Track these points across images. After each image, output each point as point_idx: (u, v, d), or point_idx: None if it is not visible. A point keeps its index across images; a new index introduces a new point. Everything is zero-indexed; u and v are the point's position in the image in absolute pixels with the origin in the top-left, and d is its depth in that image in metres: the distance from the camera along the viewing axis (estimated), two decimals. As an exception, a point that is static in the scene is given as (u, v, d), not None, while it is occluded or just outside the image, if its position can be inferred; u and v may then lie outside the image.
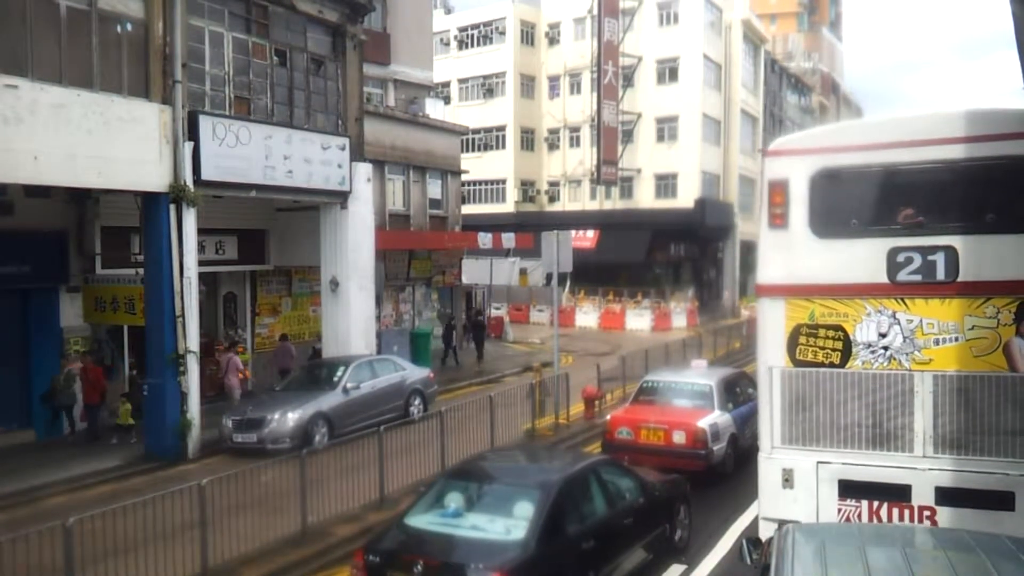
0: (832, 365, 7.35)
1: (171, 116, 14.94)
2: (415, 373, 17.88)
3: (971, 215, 7.06)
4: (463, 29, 49.45)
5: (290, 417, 14.77)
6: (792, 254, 7.49)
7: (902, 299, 7.16)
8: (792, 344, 7.49)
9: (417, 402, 17.46)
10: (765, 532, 7.37)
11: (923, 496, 7.03)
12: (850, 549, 5.21)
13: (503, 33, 47.68)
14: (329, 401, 15.51)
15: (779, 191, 7.47)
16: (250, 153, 16.30)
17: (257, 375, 20.76)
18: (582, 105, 45.97)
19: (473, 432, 13.82)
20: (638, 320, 37.81)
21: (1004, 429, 6.85)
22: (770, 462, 7.62)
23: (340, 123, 18.92)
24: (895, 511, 7.14)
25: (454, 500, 8.05)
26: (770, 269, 7.69)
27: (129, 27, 14.60)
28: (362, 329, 19.02)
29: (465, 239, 27.81)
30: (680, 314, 38.75)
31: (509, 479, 8.59)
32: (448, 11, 51.44)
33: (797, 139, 8.30)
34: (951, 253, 6.95)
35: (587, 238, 44.93)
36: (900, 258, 7.12)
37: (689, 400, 13.48)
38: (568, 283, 44.90)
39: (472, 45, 49.39)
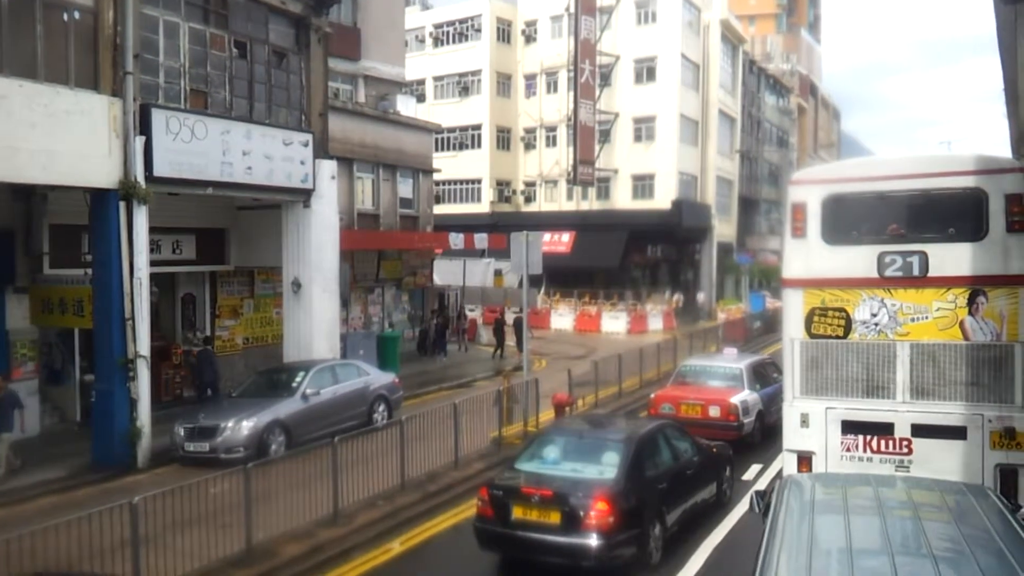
0: (837, 337, 9.72)
1: (121, 109, 14.23)
2: (380, 379, 17.23)
3: (938, 229, 9.59)
4: (439, 26, 48.83)
5: (244, 425, 14.10)
6: (808, 256, 9.88)
7: (888, 289, 9.52)
8: (808, 322, 9.86)
9: (381, 408, 16.84)
10: (788, 461, 9.92)
11: (902, 431, 9.42)
12: (834, 495, 6.44)
13: (479, 30, 47.10)
14: (287, 408, 14.85)
15: (799, 210, 9.93)
16: (206, 148, 15.61)
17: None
18: (559, 104, 45.50)
19: (436, 442, 13.23)
20: (614, 323, 37.35)
21: (959, 381, 9.27)
22: (792, 408, 9.93)
23: (303, 118, 18.26)
24: (882, 442, 9.51)
25: (552, 452, 10.03)
26: (793, 267, 10.07)
27: (77, 15, 13.88)
28: (325, 332, 18.37)
29: (436, 239, 27.19)
30: (657, 317, 38.34)
31: (597, 435, 10.73)
32: (425, 7, 50.85)
33: (812, 172, 11.30)
34: (923, 256, 9.41)
35: (562, 242, 44.50)
36: (887, 259, 9.52)
37: (722, 381, 15.85)
38: (543, 285, 44.46)
39: (448, 42, 48.78)
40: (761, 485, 12.19)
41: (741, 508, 11.51)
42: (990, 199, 9.13)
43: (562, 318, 38.96)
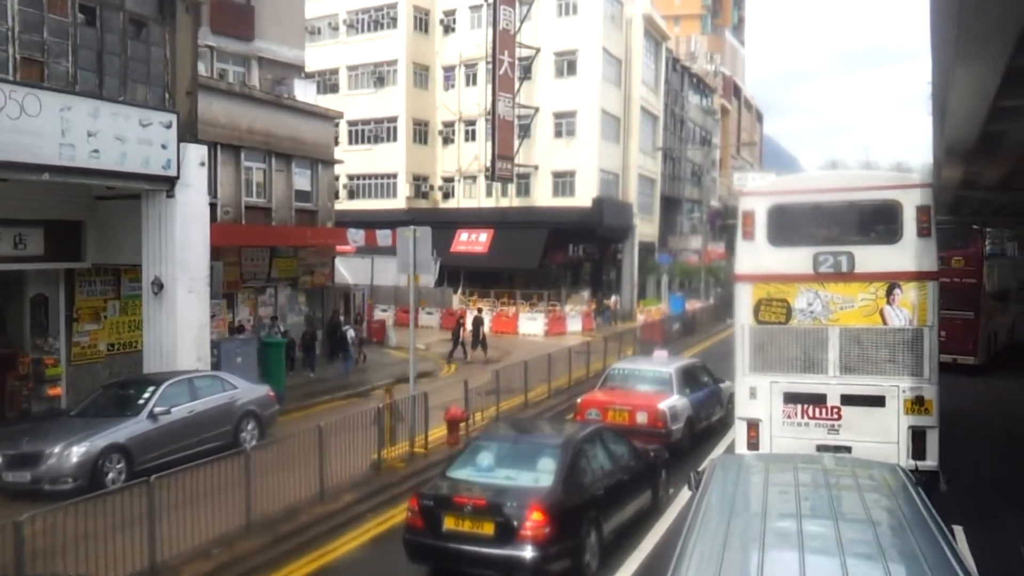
0: (780, 323, 11.24)
1: (-75, 76, 11.97)
2: (249, 392, 15.20)
3: (862, 233, 11.43)
4: (352, 13, 46.53)
5: (74, 451, 11.98)
6: (756, 256, 11.43)
7: (821, 283, 11.09)
8: (756, 310, 11.36)
9: (251, 427, 14.86)
10: (739, 427, 11.54)
11: (833, 400, 10.98)
12: (757, 473, 7.00)
13: (395, 19, 45.00)
14: (129, 429, 12.74)
15: (749, 217, 11.49)
16: (40, 127, 13.39)
17: (76, 392, 17.70)
18: (478, 97, 43.80)
19: (299, 469, 11.34)
20: (531, 324, 35.83)
21: (879, 359, 10.88)
22: (743, 383, 11.50)
23: (167, 97, 16.10)
24: (817, 410, 11.07)
25: (486, 458, 9.76)
26: (743, 265, 11.65)
27: None
28: (192, 339, 16.25)
29: (331, 235, 25.17)
30: (576, 318, 36.99)
31: (534, 439, 10.60)
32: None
33: (760, 186, 14.06)
34: (850, 256, 11.04)
35: (479, 242, 42.93)
36: (821, 258, 11.13)
37: (651, 385, 15.46)
38: (460, 285, 42.76)
39: (362, 30, 46.54)
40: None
41: (677, 505, 11.55)
42: (904, 209, 10.87)
43: (469, 320, 37.09)
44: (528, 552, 8.49)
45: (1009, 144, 21.04)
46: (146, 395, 13.38)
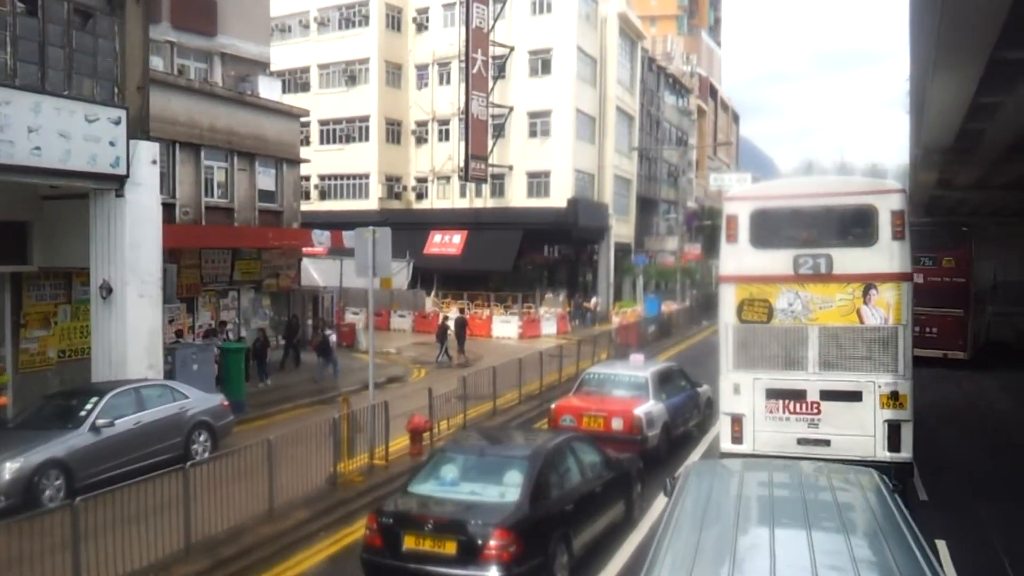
0: (762, 322, 11.58)
1: None
2: (202, 401, 14.45)
3: (840, 236, 11.76)
4: (324, 10, 45.72)
5: (7, 468, 11.18)
6: (740, 258, 11.79)
7: (801, 283, 11.45)
8: (740, 310, 11.70)
9: (203, 438, 14.12)
10: (724, 422, 11.86)
11: (813, 395, 11.35)
12: (731, 478, 6.90)
13: (367, 16, 44.24)
14: (69, 443, 11.96)
15: (733, 221, 11.84)
16: (-26, 122, 12.64)
17: (24, 401, 16.83)
18: (452, 97, 43.14)
19: (248, 485, 10.64)
20: (505, 327, 35.21)
21: (856, 356, 11.24)
22: (727, 379, 11.80)
23: (116, 92, 15.34)
24: (797, 405, 11.42)
25: (450, 472, 9.28)
26: (727, 266, 12.00)
27: None
28: (144, 346, 15.48)
29: (294, 237, 24.42)
30: (550, 320, 36.42)
31: (500, 451, 10.01)
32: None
33: (743, 191, 14.50)
34: (829, 257, 11.40)
35: (453, 244, 42.33)
36: (800, 260, 11.48)
37: (627, 390, 15.09)
38: (434, 287, 42.10)
39: (334, 28, 45.74)
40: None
41: (653, 515, 11.10)
42: (879, 213, 11.24)
43: (452, 322, 36.47)
44: (492, 573, 8.07)
45: (986, 143, 20.74)
46: (88, 406, 12.60)
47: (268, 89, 25.22)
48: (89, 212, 15.63)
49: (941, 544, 9.69)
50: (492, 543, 8.10)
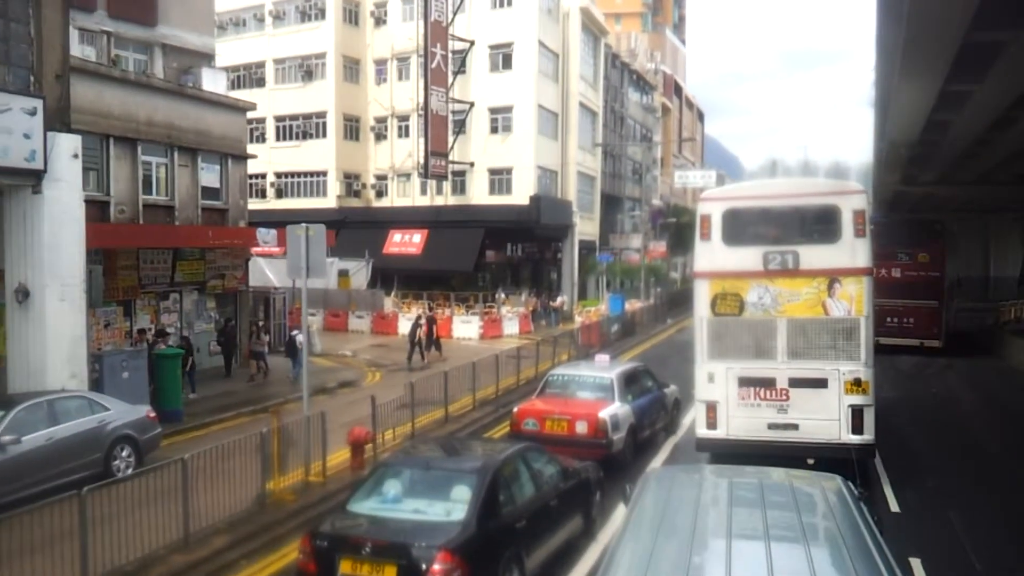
0: (734, 314, 12.35)
1: None
2: (125, 414, 13.32)
3: (806, 234, 12.46)
4: (279, 3, 44.48)
5: None
6: (713, 255, 12.56)
7: (771, 279, 12.20)
8: (713, 303, 12.46)
9: (125, 453, 13.04)
10: (699, 408, 12.78)
11: (782, 383, 12.13)
12: (690, 486, 6.77)
13: (323, 10, 43.06)
14: (-33, 463, 10.92)
15: (706, 220, 12.59)
16: None
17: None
18: (411, 92, 42.05)
19: (156, 512, 9.58)
20: (466, 327, 34.30)
21: (821, 346, 12.00)
22: (701, 369, 12.55)
23: (32, 80, 14.23)
24: (767, 392, 12.20)
25: (393, 488, 8.52)
26: (701, 263, 12.77)
27: None
28: (65, 353, 14.37)
29: (238, 235, 23.27)
30: (512, 320, 35.57)
31: (447, 464, 9.30)
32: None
33: (716, 192, 15.11)
34: (795, 254, 12.18)
35: (413, 243, 41.38)
36: (769, 256, 12.26)
37: (591, 392, 14.63)
38: (395, 287, 41.07)
39: (289, 22, 44.50)
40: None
41: (613, 525, 10.29)
42: (842, 213, 11.93)
43: (410, 323, 35.45)
44: None
45: (951, 137, 20.25)
46: (-8, 422, 11.51)
47: (212, 82, 24.08)
48: (3, 210, 14.52)
49: (916, 563, 8.99)
50: (436, 567, 7.40)
